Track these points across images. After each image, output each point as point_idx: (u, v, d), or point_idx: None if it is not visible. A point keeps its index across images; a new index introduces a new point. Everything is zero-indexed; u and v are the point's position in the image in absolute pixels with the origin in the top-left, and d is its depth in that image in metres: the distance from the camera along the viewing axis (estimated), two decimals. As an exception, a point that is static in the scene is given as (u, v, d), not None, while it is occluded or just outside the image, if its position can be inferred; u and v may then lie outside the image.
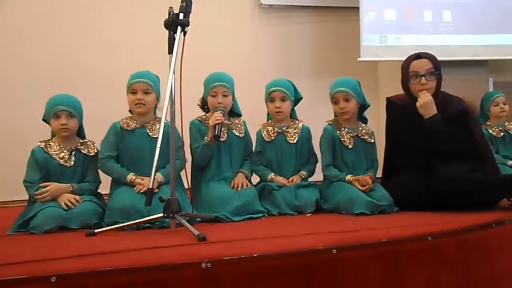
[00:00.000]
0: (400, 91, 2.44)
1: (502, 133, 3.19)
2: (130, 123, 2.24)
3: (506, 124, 3.23)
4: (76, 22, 3.61)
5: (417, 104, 2.26)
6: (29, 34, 3.55)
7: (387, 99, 2.48)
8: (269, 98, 2.47)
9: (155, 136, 2.18)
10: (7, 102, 3.48)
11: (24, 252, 1.59)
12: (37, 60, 3.55)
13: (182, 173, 2.12)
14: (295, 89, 2.52)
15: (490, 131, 3.18)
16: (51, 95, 2.23)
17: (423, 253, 1.61)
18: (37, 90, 3.32)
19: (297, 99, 2.55)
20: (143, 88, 2.21)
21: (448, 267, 1.64)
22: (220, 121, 2.21)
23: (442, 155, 2.22)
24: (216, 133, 2.20)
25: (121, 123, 2.24)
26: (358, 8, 3.74)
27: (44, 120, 2.23)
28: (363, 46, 3.70)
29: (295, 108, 2.57)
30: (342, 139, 2.42)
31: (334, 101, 2.43)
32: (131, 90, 2.22)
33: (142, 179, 2.11)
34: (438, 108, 2.25)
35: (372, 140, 2.47)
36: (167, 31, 1.85)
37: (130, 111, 2.29)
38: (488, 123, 3.23)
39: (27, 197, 2.15)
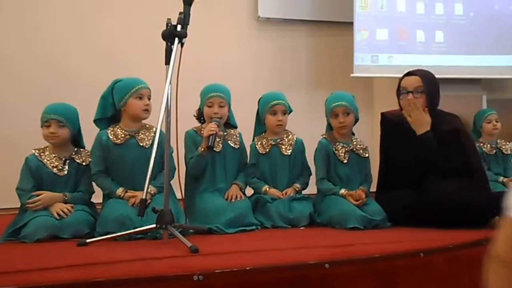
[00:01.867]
0: (395, 106, 2.47)
1: (494, 151, 3.22)
2: (119, 134, 2.18)
3: (499, 141, 3.27)
4: (69, 30, 3.60)
5: (409, 119, 2.28)
6: (20, 41, 3.53)
7: (382, 114, 2.50)
8: (271, 111, 2.47)
9: (147, 146, 2.16)
10: (2, 108, 3.45)
11: (14, 261, 1.57)
12: (28, 68, 3.51)
13: (176, 183, 2.11)
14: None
15: (483, 148, 3.21)
16: (42, 103, 2.22)
17: (415, 269, 1.62)
18: (28, 98, 3.30)
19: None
20: (148, 93, 2.20)
21: (440, 283, 1.65)
22: (214, 132, 2.22)
23: (435, 171, 2.23)
24: (209, 144, 2.20)
25: (108, 133, 2.19)
26: (353, 23, 3.79)
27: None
28: (355, 65, 3.74)
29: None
30: (337, 153, 2.42)
31: (333, 114, 2.42)
32: (139, 95, 2.17)
33: (133, 194, 2.08)
34: (432, 125, 2.27)
35: (367, 155, 2.48)
36: (163, 41, 1.86)
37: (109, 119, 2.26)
38: (480, 140, 3.26)
39: (17, 205, 2.13)
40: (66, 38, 3.59)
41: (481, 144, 3.22)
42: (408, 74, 2.38)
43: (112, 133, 2.19)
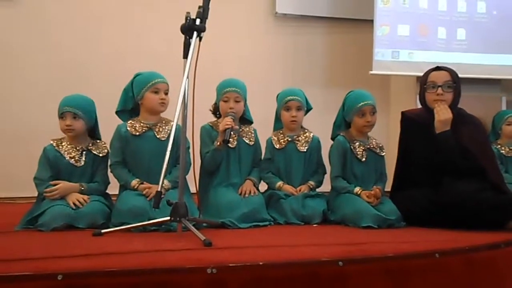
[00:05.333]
0: (411, 105, 2.44)
1: (512, 153, 3.17)
2: (137, 126, 2.21)
3: (517, 143, 3.20)
4: (86, 24, 3.65)
5: (437, 117, 2.24)
6: (47, 33, 3.59)
7: (402, 113, 2.46)
8: (285, 107, 2.47)
9: (163, 139, 2.19)
10: (22, 98, 3.52)
11: (31, 249, 1.60)
12: (53, 59, 3.59)
13: (190, 177, 2.12)
14: (306, 99, 2.53)
15: (501, 150, 3.16)
16: (65, 94, 2.25)
17: (430, 270, 1.60)
18: (51, 88, 3.36)
19: (307, 110, 2.56)
20: (165, 88, 2.22)
21: (454, 285, 1.62)
22: (230, 126, 2.22)
23: (453, 171, 2.20)
24: (225, 138, 2.21)
25: (127, 126, 2.22)
26: (372, 21, 3.75)
27: None
28: (375, 61, 3.71)
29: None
30: (355, 152, 2.40)
31: (360, 113, 2.38)
32: (155, 89, 2.20)
33: (147, 185, 2.10)
34: (452, 124, 2.24)
35: (383, 154, 2.46)
36: (176, 36, 1.86)
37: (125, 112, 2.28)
38: (499, 142, 3.21)
39: (35, 194, 2.17)
40: (92, 31, 3.64)
41: (499, 146, 3.17)
42: (436, 69, 2.34)
43: (130, 125, 2.23)
